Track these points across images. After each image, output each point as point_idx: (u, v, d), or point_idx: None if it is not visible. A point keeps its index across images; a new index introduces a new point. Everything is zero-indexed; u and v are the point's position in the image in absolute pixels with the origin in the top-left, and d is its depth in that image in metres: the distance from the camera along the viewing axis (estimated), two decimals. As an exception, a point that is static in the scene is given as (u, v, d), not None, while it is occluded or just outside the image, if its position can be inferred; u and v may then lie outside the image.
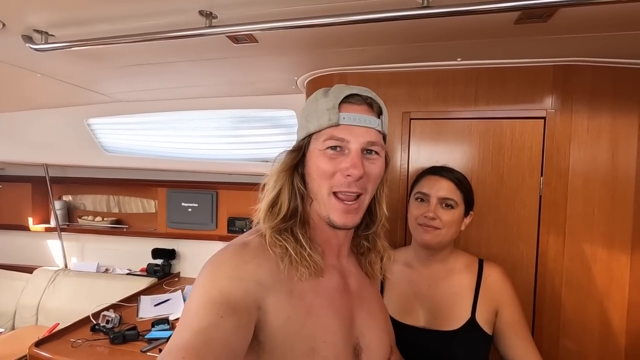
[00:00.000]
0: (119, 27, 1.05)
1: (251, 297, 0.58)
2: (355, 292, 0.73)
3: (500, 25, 0.99)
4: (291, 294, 0.63)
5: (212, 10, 0.95)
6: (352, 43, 1.18)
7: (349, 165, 0.64)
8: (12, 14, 1.01)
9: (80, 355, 1.57)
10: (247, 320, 0.57)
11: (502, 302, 1.01)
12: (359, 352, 0.69)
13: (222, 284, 0.57)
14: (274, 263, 0.63)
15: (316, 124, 0.66)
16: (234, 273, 0.59)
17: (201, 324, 0.52)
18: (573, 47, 1.16)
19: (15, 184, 2.96)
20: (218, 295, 0.56)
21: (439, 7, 0.82)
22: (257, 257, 0.62)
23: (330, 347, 0.63)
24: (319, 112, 0.66)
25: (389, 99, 1.38)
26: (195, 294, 0.58)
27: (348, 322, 0.69)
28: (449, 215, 1.00)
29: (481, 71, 1.31)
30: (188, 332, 0.52)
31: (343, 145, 0.65)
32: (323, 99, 0.67)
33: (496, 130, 1.31)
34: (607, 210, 1.27)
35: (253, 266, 0.61)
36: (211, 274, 0.59)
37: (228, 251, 0.63)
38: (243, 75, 1.52)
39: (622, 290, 1.28)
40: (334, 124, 0.65)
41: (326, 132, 0.65)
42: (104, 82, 1.70)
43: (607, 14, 0.92)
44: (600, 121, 1.26)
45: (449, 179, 1.02)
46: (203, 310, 0.54)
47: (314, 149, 0.67)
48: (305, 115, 0.71)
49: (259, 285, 0.60)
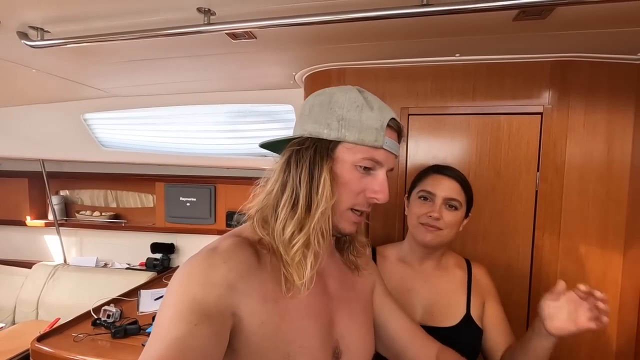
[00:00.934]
0: (115, 23, 1.04)
1: (225, 303, 0.56)
2: (334, 293, 0.72)
3: (498, 22, 1.00)
4: (265, 298, 0.60)
5: (211, 7, 0.95)
6: (350, 39, 1.18)
7: (378, 189, 0.65)
8: (8, 11, 1.00)
9: (82, 350, 1.58)
10: (222, 326, 0.55)
11: (487, 298, 1.06)
12: (338, 354, 0.68)
13: (194, 292, 0.55)
14: (245, 266, 0.60)
15: (357, 137, 0.63)
16: (205, 279, 0.57)
17: (175, 334, 0.51)
18: (570, 43, 1.16)
19: (11, 179, 2.94)
20: (190, 303, 0.54)
21: (439, 5, 0.83)
22: (228, 260, 0.59)
23: (307, 351, 0.62)
24: (364, 126, 0.63)
25: (387, 95, 1.40)
26: (167, 303, 0.56)
27: (326, 324, 0.68)
28: (452, 217, 1.00)
29: (479, 67, 1.31)
30: (161, 344, 0.50)
31: (375, 167, 0.65)
32: (369, 113, 0.64)
33: (494, 126, 1.32)
34: (601, 205, 1.29)
35: (224, 270, 0.58)
36: (182, 282, 0.58)
37: (198, 257, 0.61)
38: (241, 70, 1.51)
39: (615, 284, 1.30)
40: (378, 146, 0.64)
41: (367, 150, 0.64)
42: (101, 77, 1.68)
43: (604, 11, 0.92)
44: (596, 116, 1.27)
45: (454, 178, 1.01)
46: (176, 319, 0.52)
47: (347, 160, 0.64)
48: (339, 116, 0.64)
49: (232, 290, 0.57)
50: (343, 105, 0.64)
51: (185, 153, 2.20)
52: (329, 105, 0.65)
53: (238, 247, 0.62)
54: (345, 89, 0.67)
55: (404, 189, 1.38)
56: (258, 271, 0.62)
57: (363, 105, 0.64)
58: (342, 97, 0.65)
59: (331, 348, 0.67)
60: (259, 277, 0.61)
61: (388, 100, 1.38)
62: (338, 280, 0.74)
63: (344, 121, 0.64)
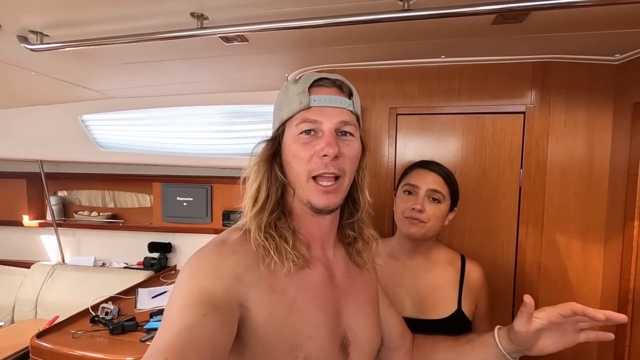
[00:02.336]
0: (112, 27, 1.09)
1: (233, 294, 0.57)
2: (341, 284, 0.72)
3: (478, 25, 1.04)
4: (273, 290, 0.62)
5: (203, 12, 0.99)
6: (341, 42, 1.22)
7: (323, 145, 0.63)
8: (8, 15, 1.04)
9: (80, 346, 1.62)
10: (230, 317, 0.56)
11: (480, 297, 1.10)
12: (346, 345, 0.69)
13: (203, 283, 0.56)
14: (253, 258, 0.62)
15: (288, 110, 0.66)
16: (214, 271, 0.58)
17: (183, 323, 0.51)
18: (550, 44, 1.21)
19: (9, 180, 2.97)
20: (199, 294, 0.55)
21: (418, 10, 0.87)
22: (236, 253, 0.61)
23: (314, 342, 0.63)
24: (290, 98, 0.66)
25: (376, 95, 1.44)
26: (176, 295, 0.57)
27: (334, 315, 0.68)
28: (435, 209, 1.03)
29: (464, 68, 1.36)
30: (170, 333, 0.50)
31: (316, 127, 0.65)
32: (293, 86, 0.67)
33: (478, 125, 1.36)
34: (582, 201, 1.34)
35: (232, 263, 0.60)
36: (191, 274, 0.59)
37: (207, 250, 0.62)
38: (235, 72, 1.56)
39: (596, 277, 1.35)
40: (305, 107, 0.64)
41: (298, 116, 0.65)
42: (98, 79, 1.72)
43: (579, 15, 0.97)
44: (576, 115, 1.32)
45: (438, 173, 1.05)
46: (185, 310, 0.53)
47: (289, 136, 0.67)
48: (277, 105, 0.70)
49: (239, 281, 0.59)
50: (279, 96, 0.70)
51: (181, 153, 2.24)
52: (276, 103, 0.72)
53: (245, 239, 0.63)
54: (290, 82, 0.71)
55: (392, 185, 1.42)
56: (266, 263, 0.62)
57: (288, 85, 0.68)
58: (281, 90, 0.71)
59: (339, 338, 0.68)
60: (267, 268, 0.62)
61: (377, 100, 1.45)
62: (345, 271, 0.75)
63: (280, 106, 0.69)
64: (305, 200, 0.66)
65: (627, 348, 1.24)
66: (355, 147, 0.68)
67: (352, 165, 0.68)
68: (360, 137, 0.70)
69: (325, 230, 0.73)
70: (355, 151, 0.68)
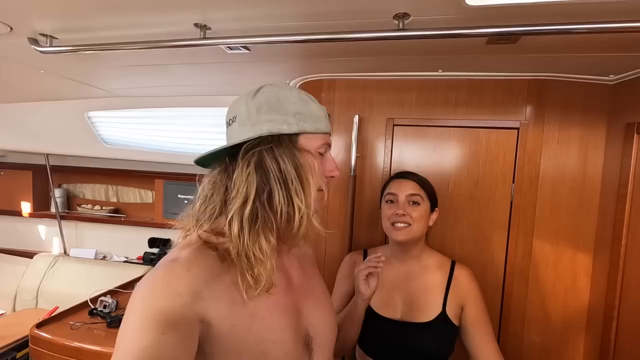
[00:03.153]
0: (119, 34, 1.12)
1: (191, 311, 0.56)
2: (299, 284, 0.75)
3: (473, 45, 1.07)
4: (233, 301, 0.61)
5: (206, 22, 1.02)
6: (340, 54, 1.25)
7: (333, 167, 0.73)
8: (20, 19, 1.08)
9: (78, 337, 1.66)
10: (190, 333, 0.55)
11: (467, 299, 1.13)
12: (309, 341, 0.72)
13: (158, 303, 0.54)
14: (208, 272, 0.61)
15: (313, 126, 0.69)
16: (169, 289, 0.56)
17: (140, 344, 0.49)
18: (546, 63, 1.23)
19: (16, 171, 3.03)
20: (154, 314, 0.53)
21: (413, 30, 0.90)
22: (191, 269, 0.59)
23: (280, 346, 0.64)
24: (315, 116, 0.70)
25: (374, 105, 1.47)
26: (130, 318, 0.54)
27: (295, 316, 0.70)
28: (416, 211, 1.12)
29: (461, 83, 1.39)
30: (127, 357, 0.49)
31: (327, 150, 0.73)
32: (315, 105, 0.71)
33: (473, 139, 1.39)
34: (573, 216, 1.36)
35: (188, 279, 0.58)
36: (145, 296, 0.56)
37: (159, 270, 0.60)
38: (237, 78, 1.59)
39: (584, 292, 1.38)
40: (328, 132, 0.72)
41: (322, 137, 0.71)
42: (105, 79, 1.77)
43: (569, 39, 0.99)
44: (569, 133, 1.34)
45: (413, 180, 1.17)
46: (140, 331, 0.51)
47: (310, 148, 0.68)
48: (293, 112, 0.68)
49: (198, 298, 0.57)
50: (294, 102, 0.69)
51: (184, 152, 2.28)
52: (278, 103, 0.67)
53: (199, 254, 0.62)
54: (285, 87, 0.71)
55: (387, 195, 1.46)
56: (222, 275, 0.62)
57: (309, 100, 0.72)
58: (289, 94, 0.69)
59: (302, 337, 0.71)
60: (224, 281, 0.62)
61: (375, 110, 1.48)
62: (300, 270, 0.79)
63: (300, 115, 0.68)
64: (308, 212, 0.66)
65: (611, 363, 1.26)
66: None
67: None
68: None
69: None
70: None
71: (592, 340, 1.35)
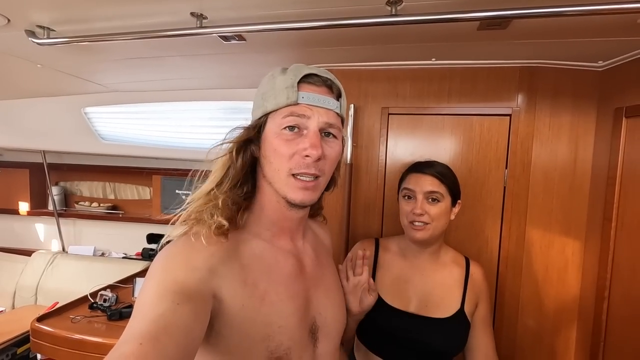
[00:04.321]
0: (115, 24, 1.14)
1: (206, 286, 0.58)
2: (311, 273, 0.75)
3: (464, 31, 1.09)
4: (245, 282, 0.63)
5: (203, 12, 1.04)
6: (335, 43, 1.27)
7: (307, 145, 0.63)
8: (17, 11, 1.09)
9: (79, 330, 1.68)
10: (203, 307, 0.56)
11: (481, 298, 1.11)
12: (315, 330, 0.72)
13: (176, 274, 0.57)
14: (226, 252, 0.63)
15: (273, 103, 0.64)
16: (187, 263, 0.59)
17: (157, 311, 0.51)
18: (536, 50, 1.26)
19: (13, 170, 3.03)
20: (172, 284, 0.55)
21: (405, 16, 0.92)
22: (210, 245, 0.61)
23: (285, 331, 0.65)
24: (277, 90, 0.64)
25: (369, 95, 1.49)
26: (149, 285, 0.56)
27: (304, 304, 0.71)
28: (436, 209, 1.04)
29: (454, 71, 1.41)
30: (144, 320, 0.50)
31: (301, 124, 0.64)
32: (281, 77, 0.65)
33: (466, 126, 1.42)
34: (564, 201, 1.39)
35: (206, 255, 0.60)
36: (164, 266, 0.59)
37: (179, 243, 0.62)
38: (233, 69, 1.61)
39: (576, 275, 1.41)
40: (292, 103, 0.63)
41: (284, 110, 0.64)
42: (101, 73, 1.78)
43: (559, 23, 1.02)
44: (560, 119, 1.37)
45: (431, 174, 1.06)
46: (157, 299, 0.53)
47: (271, 130, 0.66)
48: (261, 94, 0.68)
49: (213, 274, 0.60)
50: (263, 83, 0.68)
51: (181, 147, 2.29)
52: (259, 89, 0.69)
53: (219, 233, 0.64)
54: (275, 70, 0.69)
55: (383, 182, 1.48)
56: (238, 256, 0.64)
57: (276, 73, 0.66)
58: (266, 76, 0.69)
59: (308, 325, 0.71)
60: (239, 261, 0.64)
61: (370, 99, 1.50)
62: (314, 259, 0.78)
63: (264, 95, 0.66)
64: (282, 194, 0.67)
65: (602, 344, 1.29)
66: (337, 149, 0.69)
67: (332, 166, 0.70)
68: (342, 138, 0.71)
69: (295, 223, 0.74)
70: (336, 153, 0.69)
71: (585, 323, 1.38)
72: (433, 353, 1.05)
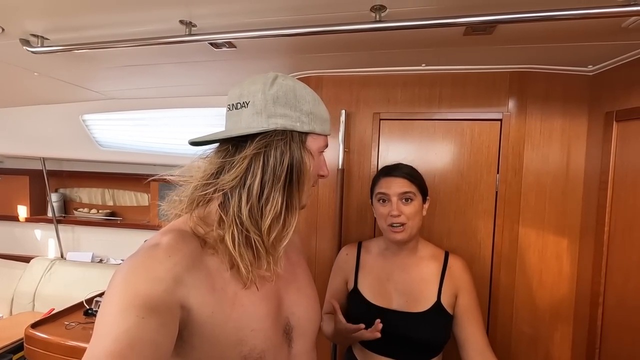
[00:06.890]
0: (108, 32, 1.16)
1: (172, 297, 0.56)
2: (283, 273, 0.74)
3: (451, 37, 1.10)
4: (213, 288, 0.61)
5: (191, 19, 1.06)
6: (325, 49, 1.29)
7: (326, 168, 0.76)
8: (11, 20, 1.11)
9: (73, 336, 1.68)
10: (171, 319, 0.54)
11: (461, 288, 1.14)
12: (289, 330, 0.72)
13: (138, 288, 0.54)
14: (190, 259, 0.61)
15: (321, 128, 0.72)
16: (150, 275, 0.56)
17: (120, 328, 0.48)
18: (526, 55, 1.26)
19: (13, 177, 3.06)
20: (134, 298, 0.52)
21: (390, 22, 0.93)
22: (173, 255, 0.59)
23: (258, 334, 0.64)
24: (322, 118, 0.72)
25: (361, 100, 1.50)
26: (110, 301, 0.53)
27: (276, 305, 0.70)
28: (410, 208, 1.11)
29: (444, 76, 1.42)
30: (107, 339, 0.47)
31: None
32: (323, 107, 0.74)
33: (457, 131, 1.42)
34: (557, 205, 1.38)
35: (169, 265, 0.58)
36: (125, 280, 0.55)
37: (139, 255, 0.59)
38: (226, 76, 1.62)
39: (571, 280, 1.39)
40: (329, 134, 0.75)
41: (324, 138, 0.74)
42: (97, 80, 1.80)
43: (545, 28, 1.02)
44: (551, 123, 1.37)
45: (401, 176, 1.13)
46: (120, 315, 0.50)
47: (313, 148, 0.71)
48: (307, 111, 0.69)
49: (179, 283, 0.57)
50: (309, 101, 0.70)
51: (178, 153, 2.31)
52: (295, 100, 0.68)
53: (181, 240, 0.62)
54: (298, 83, 0.71)
55: (375, 188, 1.48)
56: (204, 262, 0.62)
57: (320, 101, 0.74)
58: (304, 92, 0.70)
59: (282, 326, 0.71)
60: (206, 268, 0.62)
61: (362, 105, 1.51)
62: (284, 258, 0.76)
63: (312, 115, 0.70)
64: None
65: (598, 350, 1.27)
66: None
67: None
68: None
69: None
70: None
71: (580, 326, 1.37)
72: (421, 346, 1.09)
